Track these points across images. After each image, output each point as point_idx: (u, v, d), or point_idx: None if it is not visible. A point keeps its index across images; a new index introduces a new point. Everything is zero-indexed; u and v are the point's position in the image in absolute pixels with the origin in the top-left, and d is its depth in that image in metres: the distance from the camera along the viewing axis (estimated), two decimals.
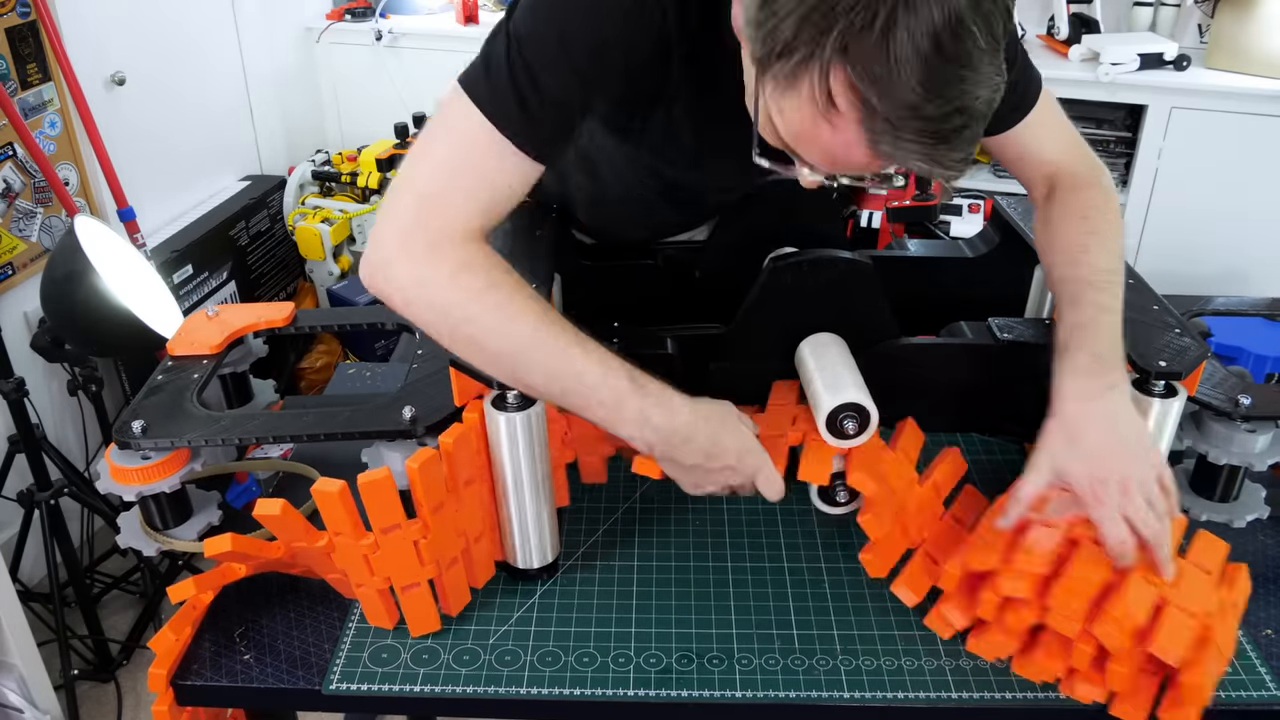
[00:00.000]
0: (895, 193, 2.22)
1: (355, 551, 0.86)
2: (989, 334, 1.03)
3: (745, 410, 0.93)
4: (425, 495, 0.85)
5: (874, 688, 0.87)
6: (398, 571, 0.88)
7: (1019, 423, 1.09)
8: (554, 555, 0.99)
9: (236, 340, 1.09)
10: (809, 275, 1.00)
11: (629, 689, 0.87)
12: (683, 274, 1.22)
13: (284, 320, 1.11)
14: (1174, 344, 0.92)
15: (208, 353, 1.04)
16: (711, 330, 1.05)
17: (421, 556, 0.87)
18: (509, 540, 0.96)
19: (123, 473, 0.93)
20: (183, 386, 0.99)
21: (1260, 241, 2.43)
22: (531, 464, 0.91)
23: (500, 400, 0.89)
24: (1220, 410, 0.95)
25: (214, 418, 0.95)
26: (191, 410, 0.95)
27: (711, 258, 1.21)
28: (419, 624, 0.91)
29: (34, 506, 1.90)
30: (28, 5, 2.02)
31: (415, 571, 0.88)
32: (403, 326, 1.11)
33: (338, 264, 2.70)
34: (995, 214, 1.21)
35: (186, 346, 1.05)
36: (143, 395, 0.98)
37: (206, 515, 1.00)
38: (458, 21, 2.77)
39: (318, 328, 1.15)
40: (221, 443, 0.93)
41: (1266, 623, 0.93)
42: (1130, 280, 1.01)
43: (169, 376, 1.01)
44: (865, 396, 0.91)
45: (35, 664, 1.72)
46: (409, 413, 0.92)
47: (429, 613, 0.91)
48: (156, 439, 0.92)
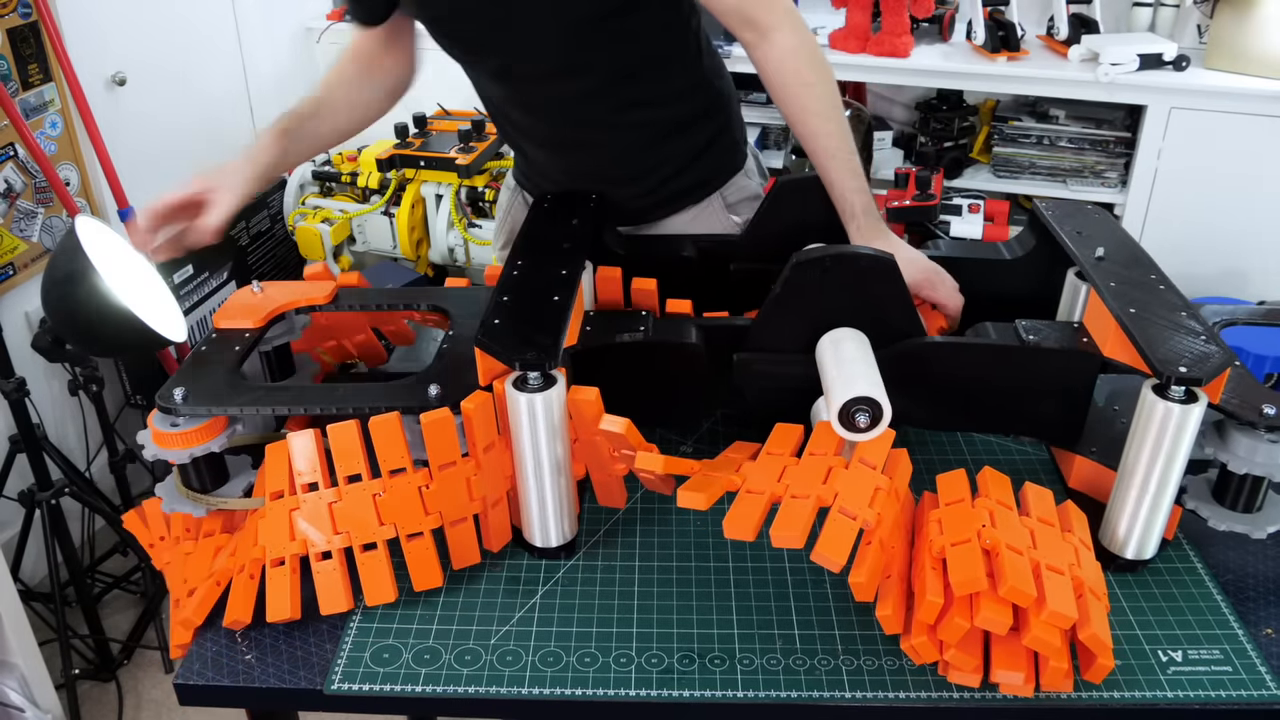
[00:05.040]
0: (895, 193, 2.23)
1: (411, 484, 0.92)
2: (1014, 335, 1.04)
3: (743, 446, 0.97)
4: (480, 433, 0.92)
5: (875, 688, 0.87)
6: (449, 507, 0.94)
7: (1040, 425, 1.09)
8: (572, 534, 1.01)
9: (278, 315, 1.12)
10: (832, 271, 1.00)
11: (630, 689, 0.87)
12: (718, 266, 1.24)
13: (325, 298, 1.14)
14: (1197, 349, 0.91)
15: (251, 326, 1.08)
16: (737, 322, 1.07)
17: (472, 493, 0.94)
18: (528, 519, 0.98)
19: (169, 438, 0.96)
20: (224, 358, 1.03)
21: (1260, 241, 2.43)
22: (551, 443, 0.93)
23: (521, 381, 0.91)
24: (1244, 419, 0.94)
25: (251, 388, 0.99)
26: (231, 380, 1.00)
27: (746, 250, 1.22)
28: (461, 558, 0.98)
29: (35, 506, 1.90)
30: (29, 6, 2.02)
31: (464, 507, 0.95)
32: (436, 308, 1.15)
33: (338, 264, 2.70)
34: (1032, 217, 1.21)
35: (231, 320, 1.09)
36: (187, 364, 1.03)
37: (245, 476, 1.03)
38: None
39: (356, 306, 1.17)
40: (257, 411, 0.97)
41: (1267, 621, 0.93)
42: (1161, 285, 1.01)
43: (212, 348, 1.05)
44: (879, 391, 0.91)
45: (36, 663, 1.72)
46: (435, 390, 0.95)
47: (471, 547, 0.98)
48: (195, 406, 0.96)
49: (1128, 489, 0.94)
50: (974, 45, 2.42)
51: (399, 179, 2.53)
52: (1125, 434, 0.95)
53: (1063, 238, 1.12)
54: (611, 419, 0.94)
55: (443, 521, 0.95)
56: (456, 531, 0.97)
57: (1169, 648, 0.90)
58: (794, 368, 1.03)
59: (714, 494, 0.89)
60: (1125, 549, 0.97)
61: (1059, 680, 0.84)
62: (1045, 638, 0.81)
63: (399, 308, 1.19)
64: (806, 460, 0.91)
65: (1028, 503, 0.93)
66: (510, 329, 0.95)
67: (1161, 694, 0.86)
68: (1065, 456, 1.10)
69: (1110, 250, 1.07)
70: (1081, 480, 1.07)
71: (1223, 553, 1.02)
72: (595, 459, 1.01)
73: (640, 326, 1.04)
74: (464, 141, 2.45)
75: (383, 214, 2.54)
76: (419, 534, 0.94)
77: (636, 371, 1.03)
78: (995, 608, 0.81)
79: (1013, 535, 0.85)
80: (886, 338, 1.02)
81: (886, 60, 2.41)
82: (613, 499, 1.06)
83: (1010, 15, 2.40)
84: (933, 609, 0.84)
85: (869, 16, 2.42)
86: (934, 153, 2.58)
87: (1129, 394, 1.13)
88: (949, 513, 0.89)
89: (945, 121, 2.58)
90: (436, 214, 2.52)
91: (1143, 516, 0.95)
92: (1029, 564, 0.83)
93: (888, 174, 2.46)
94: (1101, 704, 0.85)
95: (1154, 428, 0.90)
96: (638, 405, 0.98)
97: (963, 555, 0.83)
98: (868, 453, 0.91)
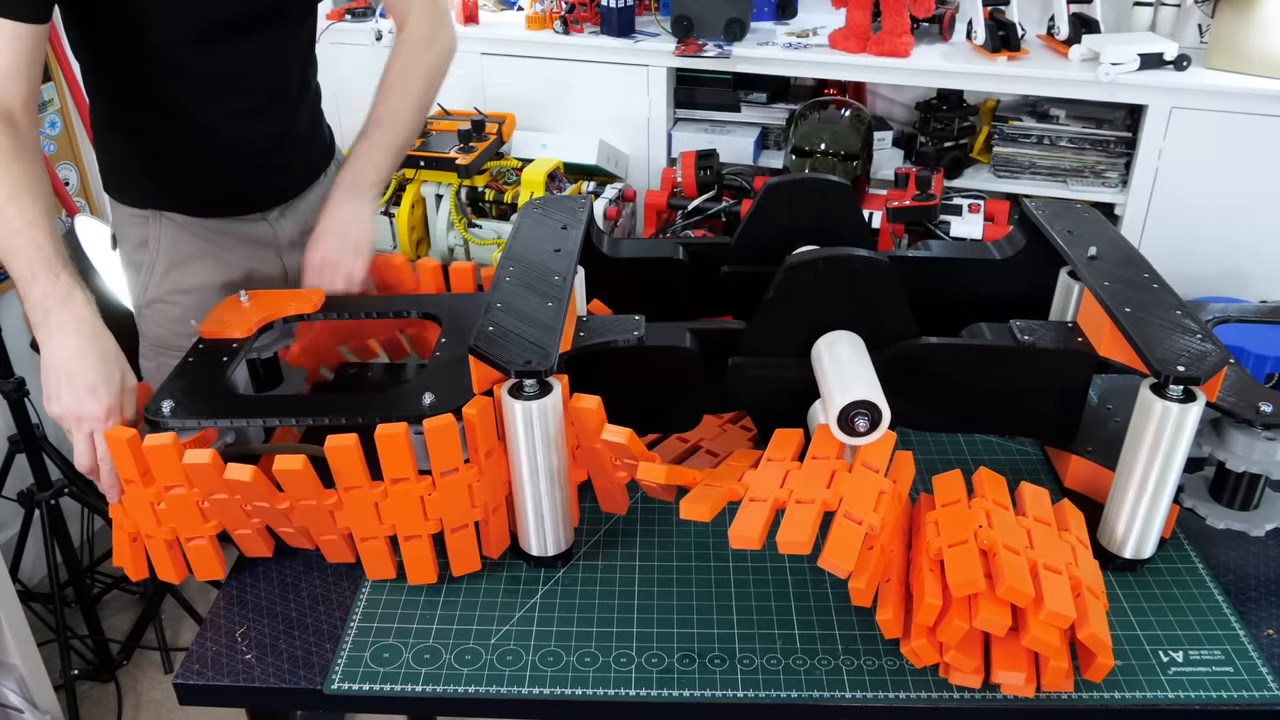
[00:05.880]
0: (895, 193, 2.22)
1: (413, 493, 0.92)
2: (1009, 336, 1.03)
3: (744, 454, 0.96)
4: (481, 438, 0.91)
5: (876, 688, 0.87)
6: (450, 513, 0.94)
7: (1037, 425, 1.09)
8: (568, 543, 1.00)
9: (266, 325, 1.11)
10: (826, 273, 1.00)
11: (631, 689, 0.87)
12: (709, 270, 1.23)
13: (314, 306, 1.13)
14: (1194, 348, 0.91)
15: (238, 336, 1.07)
16: (730, 326, 1.07)
17: (474, 498, 0.93)
18: (524, 527, 0.98)
19: None
20: (212, 368, 1.02)
21: (1260, 242, 2.43)
22: (547, 451, 0.92)
23: (517, 389, 0.91)
24: (1241, 417, 0.94)
25: (240, 399, 0.98)
26: (219, 391, 0.99)
27: (737, 253, 1.22)
28: (462, 566, 0.98)
29: (34, 506, 1.90)
30: None
31: (466, 513, 0.94)
32: (427, 314, 1.14)
33: None
34: (1023, 216, 1.21)
35: (218, 329, 1.07)
36: (173, 376, 1.01)
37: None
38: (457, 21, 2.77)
39: (346, 314, 1.16)
40: (246, 423, 0.96)
41: (1268, 622, 0.93)
42: (1155, 284, 1.01)
43: (199, 358, 1.04)
44: (877, 394, 0.91)
45: (35, 664, 1.72)
46: (429, 399, 0.94)
47: (471, 553, 0.98)
48: (184, 419, 0.94)
49: (1126, 488, 0.94)
50: (974, 45, 2.41)
51: (399, 179, 2.53)
52: (1120, 433, 0.95)
53: (1054, 238, 1.12)
54: (614, 429, 0.93)
55: (444, 527, 0.95)
56: (457, 538, 0.96)
57: (1170, 648, 0.90)
58: (789, 371, 1.03)
59: (717, 505, 0.89)
60: (1124, 548, 0.97)
61: (1059, 680, 0.84)
62: (1044, 638, 0.81)
63: (389, 315, 1.18)
64: (809, 465, 0.91)
65: (1024, 502, 0.92)
66: (505, 336, 0.94)
67: (1162, 694, 0.86)
68: (1061, 456, 1.10)
69: (1102, 250, 1.07)
70: (1077, 479, 1.07)
71: (1223, 553, 1.02)
72: (597, 466, 1.00)
73: (634, 331, 1.04)
74: (464, 141, 2.45)
75: (382, 214, 2.54)
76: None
77: (631, 376, 1.03)
78: (994, 608, 0.81)
79: (1010, 535, 0.85)
80: (881, 340, 1.01)
81: (886, 60, 2.40)
82: (615, 505, 1.06)
83: (1010, 15, 2.40)
84: (931, 611, 0.83)
85: (869, 16, 2.41)
86: (934, 153, 2.58)
87: (1123, 393, 1.13)
88: (945, 514, 0.89)
89: (945, 121, 2.58)
90: (436, 214, 2.52)
91: (1141, 515, 0.95)
92: (1026, 564, 0.83)
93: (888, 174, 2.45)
94: (1102, 704, 0.85)
95: (1152, 427, 0.90)
96: (633, 410, 0.98)
97: (960, 556, 0.83)
98: (870, 456, 0.90)
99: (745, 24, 2.48)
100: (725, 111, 2.66)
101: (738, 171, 2.37)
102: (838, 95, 2.54)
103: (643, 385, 1.03)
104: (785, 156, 2.27)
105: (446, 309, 1.13)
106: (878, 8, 2.40)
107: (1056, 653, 0.82)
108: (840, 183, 1.22)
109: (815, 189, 1.19)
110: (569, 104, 2.66)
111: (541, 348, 0.92)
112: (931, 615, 0.84)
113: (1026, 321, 1.05)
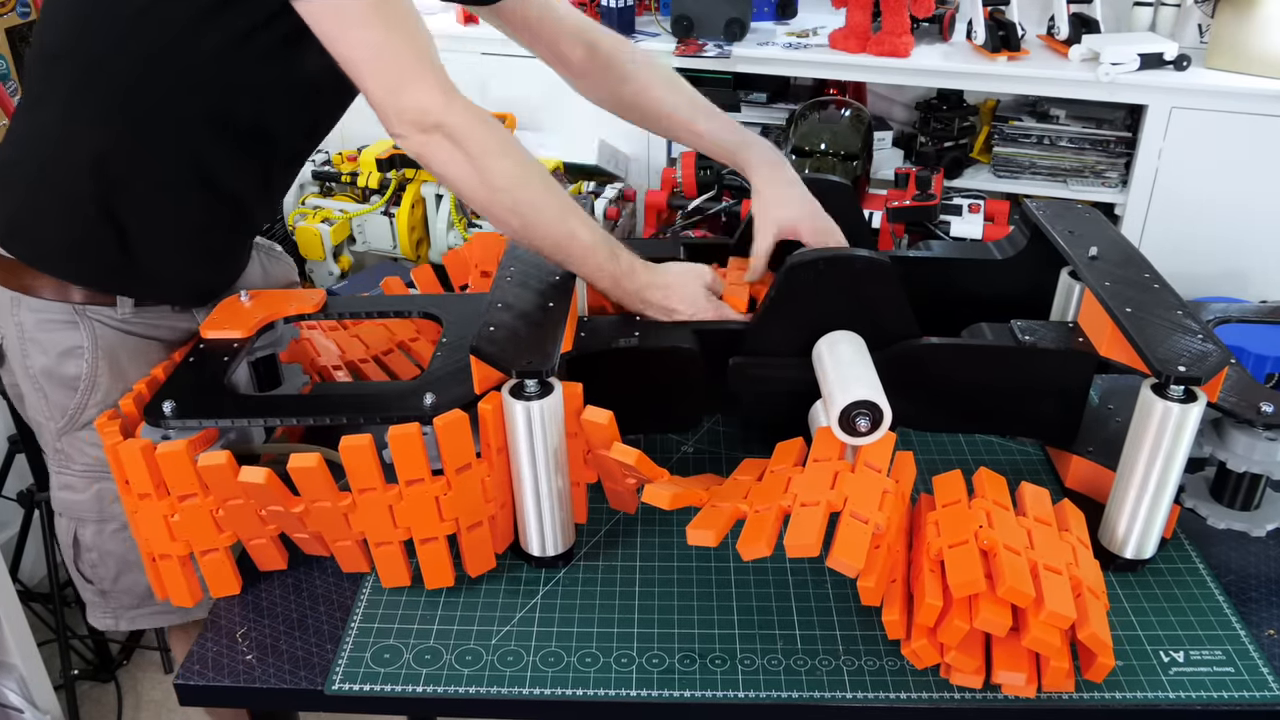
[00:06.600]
0: (895, 193, 2.22)
1: (428, 493, 0.91)
2: (1010, 336, 1.03)
3: (750, 466, 0.96)
4: (494, 434, 0.91)
5: (877, 688, 0.87)
6: (465, 511, 0.93)
7: (1037, 425, 1.09)
8: (569, 544, 1.00)
9: (267, 325, 1.11)
10: (826, 274, 1.00)
11: (631, 689, 0.87)
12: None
13: (314, 307, 1.13)
14: (1195, 348, 0.91)
15: (239, 336, 1.06)
16: (732, 326, 1.07)
17: (488, 494, 0.93)
18: (525, 527, 0.98)
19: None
20: (213, 369, 1.02)
21: (1260, 242, 2.43)
22: (548, 452, 0.92)
23: (518, 389, 0.91)
24: (1241, 417, 0.94)
25: (241, 399, 0.98)
26: (220, 392, 0.98)
27: (740, 253, 1.22)
28: (477, 566, 0.98)
29: (34, 506, 1.90)
30: (28, 5, 2.02)
31: (480, 510, 0.94)
32: (427, 314, 1.14)
33: (338, 264, 2.69)
34: (1023, 216, 1.21)
35: (218, 330, 1.07)
36: (175, 375, 1.01)
37: None
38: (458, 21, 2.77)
39: (346, 314, 1.16)
40: (247, 424, 0.96)
41: (1269, 622, 0.93)
42: (1155, 284, 1.02)
43: (200, 359, 1.04)
44: (878, 394, 0.91)
45: (35, 664, 1.72)
46: (430, 399, 0.94)
47: (486, 552, 0.98)
48: (185, 419, 0.94)
49: (1127, 488, 0.94)
50: (974, 45, 2.41)
51: (399, 179, 2.53)
52: (1120, 433, 0.95)
53: (1055, 238, 1.12)
54: (622, 449, 0.92)
55: (459, 528, 0.94)
56: (472, 537, 0.95)
57: (1171, 648, 0.90)
58: (790, 371, 1.03)
59: (723, 528, 0.88)
60: (1125, 548, 0.97)
61: (1060, 680, 0.84)
62: (1045, 638, 0.81)
63: (389, 315, 1.17)
64: (812, 467, 0.91)
65: (1024, 502, 0.92)
66: (506, 336, 0.94)
67: (1163, 694, 0.86)
68: (1062, 456, 1.10)
69: (1103, 250, 1.07)
70: (1078, 480, 1.07)
71: (1224, 553, 1.02)
72: (607, 471, 1.01)
73: (635, 332, 1.03)
74: None
75: (383, 214, 2.54)
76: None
77: (632, 377, 1.03)
78: (994, 609, 0.81)
79: (1010, 536, 0.85)
80: (882, 340, 1.01)
81: (886, 60, 2.40)
82: (624, 505, 1.06)
83: (1010, 15, 2.40)
84: (932, 612, 0.83)
85: (869, 16, 2.41)
86: (934, 153, 2.58)
87: (1123, 392, 1.13)
88: (946, 514, 0.89)
89: (945, 121, 2.58)
90: (436, 214, 2.52)
91: (1142, 516, 0.95)
92: (1027, 564, 0.83)
93: (888, 174, 2.45)
94: (1103, 705, 0.85)
95: (1153, 427, 0.90)
96: (634, 410, 0.98)
97: (961, 557, 0.83)
98: (872, 456, 0.90)
99: (745, 24, 2.48)
100: (725, 111, 2.66)
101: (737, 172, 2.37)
102: (838, 95, 2.54)
103: (644, 385, 1.03)
104: (784, 157, 2.27)
105: (447, 309, 1.13)
106: (878, 8, 2.40)
107: (1057, 653, 0.82)
108: (840, 183, 1.22)
109: (815, 189, 1.19)
110: (569, 104, 2.65)
111: (543, 348, 0.92)
112: (932, 616, 0.84)
113: (1027, 322, 1.05)
